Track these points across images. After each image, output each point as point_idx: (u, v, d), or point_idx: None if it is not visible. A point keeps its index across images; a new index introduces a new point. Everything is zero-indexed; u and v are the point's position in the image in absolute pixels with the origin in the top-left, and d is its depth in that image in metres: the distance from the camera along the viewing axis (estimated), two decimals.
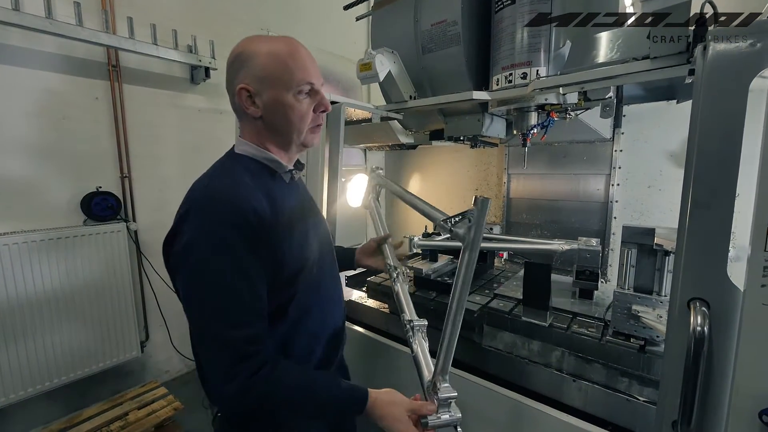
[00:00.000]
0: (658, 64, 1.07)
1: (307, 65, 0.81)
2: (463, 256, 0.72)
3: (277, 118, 0.81)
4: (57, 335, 1.95)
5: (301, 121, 0.82)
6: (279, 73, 0.78)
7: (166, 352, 2.54)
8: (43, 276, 1.89)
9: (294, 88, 0.79)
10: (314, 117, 0.85)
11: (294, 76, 0.79)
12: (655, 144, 1.92)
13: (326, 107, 0.85)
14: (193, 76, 2.48)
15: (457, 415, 0.79)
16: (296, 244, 0.83)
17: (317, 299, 0.90)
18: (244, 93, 0.80)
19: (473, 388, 1.24)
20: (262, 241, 0.74)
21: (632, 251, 1.06)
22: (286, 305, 0.82)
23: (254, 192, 0.77)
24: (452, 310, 0.77)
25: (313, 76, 0.82)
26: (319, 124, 0.88)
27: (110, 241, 2.11)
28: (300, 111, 0.81)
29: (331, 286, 0.98)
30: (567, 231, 2.20)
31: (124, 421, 1.65)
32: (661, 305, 1.02)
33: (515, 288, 1.53)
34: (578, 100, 1.48)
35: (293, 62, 0.79)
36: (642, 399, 1.03)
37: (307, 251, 0.86)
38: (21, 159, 1.91)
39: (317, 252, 0.90)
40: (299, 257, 0.83)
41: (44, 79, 1.94)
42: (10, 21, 1.67)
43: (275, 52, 0.79)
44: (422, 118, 2.07)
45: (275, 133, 0.84)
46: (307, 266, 0.85)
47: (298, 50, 0.81)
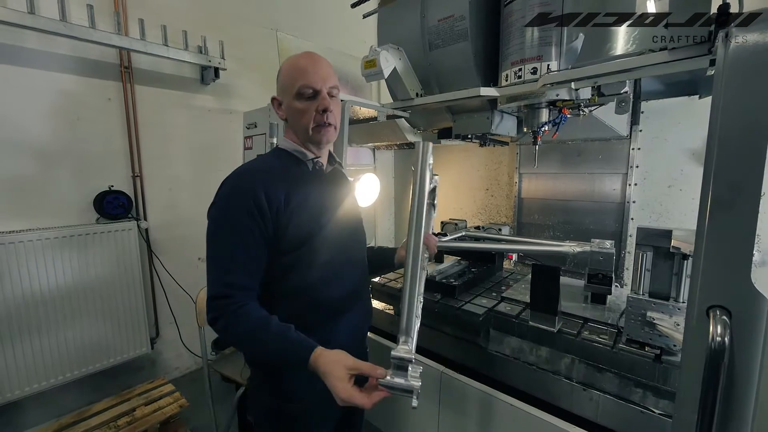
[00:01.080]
0: (676, 55, 1.00)
1: (308, 72, 0.93)
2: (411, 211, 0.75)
3: (291, 120, 0.99)
4: (70, 330, 2.00)
5: (303, 120, 0.95)
6: (287, 83, 0.95)
7: (175, 349, 2.57)
8: (57, 272, 1.93)
9: (295, 92, 0.93)
10: (316, 117, 0.94)
11: (295, 83, 0.93)
12: (676, 142, 1.83)
13: (325, 107, 0.94)
14: (203, 76, 2.51)
15: (413, 382, 0.73)
16: (303, 219, 0.92)
17: (321, 279, 0.95)
18: (276, 102, 1.02)
19: (478, 395, 1.20)
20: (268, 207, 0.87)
21: (647, 254, 1.00)
22: (289, 270, 0.92)
23: (273, 172, 0.94)
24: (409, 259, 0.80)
25: (312, 80, 0.93)
26: (324, 123, 0.95)
27: (121, 240, 2.15)
28: (300, 112, 0.94)
29: (345, 275, 1.02)
30: (581, 232, 2.12)
31: (131, 417, 1.67)
32: (678, 312, 0.96)
33: (524, 291, 1.48)
34: (591, 96, 1.42)
35: (296, 71, 0.94)
36: (657, 411, 0.96)
37: (315, 230, 0.94)
38: (37, 158, 1.96)
39: (330, 237, 0.96)
40: (303, 232, 0.92)
41: (59, 80, 1.99)
42: (26, 24, 1.71)
43: (288, 66, 0.97)
44: (430, 116, 2.03)
45: (294, 131, 1.00)
46: (312, 243, 0.93)
47: (306, 61, 0.95)
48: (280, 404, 0.95)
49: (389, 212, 3.07)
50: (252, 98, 2.74)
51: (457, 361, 1.35)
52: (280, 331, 0.84)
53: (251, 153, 2.09)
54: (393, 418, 1.54)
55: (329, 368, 0.80)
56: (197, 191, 2.55)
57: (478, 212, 2.66)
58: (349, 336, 1.02)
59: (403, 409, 1.48)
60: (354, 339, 1.06)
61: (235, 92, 2.71)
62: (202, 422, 2.04)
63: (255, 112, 2.06)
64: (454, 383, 1.28)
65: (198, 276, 2.61)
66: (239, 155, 2.76)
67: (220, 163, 2.65)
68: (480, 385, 1.21)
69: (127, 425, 1.62)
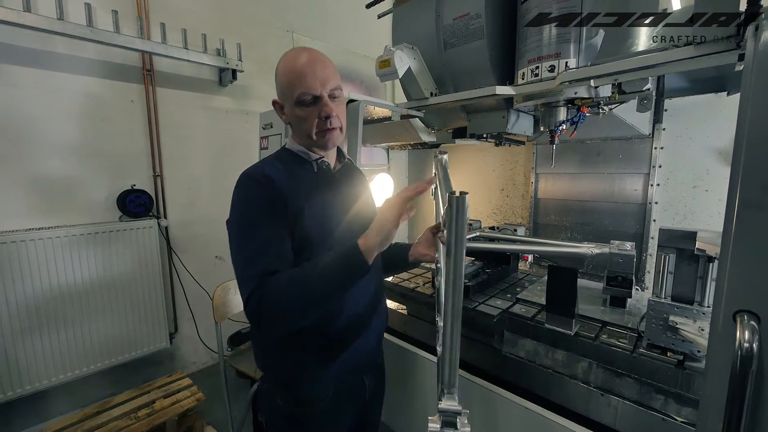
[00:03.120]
0: (702, 50, 0.96)
1: (306, 77, 0.88)
2: (448, 265, 0.64)
3: (294, 125, 0.96)
4: (94, 324, 2.08)
5: (305, 127, 0.92)
6: (285, 89, 0.92)
7: (192, 344, 2.64)
8: (82, 268, 2.01)
9: (295, 100, 0.90)
10: (319, 123, 0.92)
11: (294, 90, 0.89)
12: (702, 140, 1.76)
13: (327, 113, 0.91)
14: (221, 78, 2.56)
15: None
16: (312, 217, 0.89)
17: None
18: (277, 105, 0.99)
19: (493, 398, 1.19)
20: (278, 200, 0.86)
21: (670, 257, 0.97)
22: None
23: (274, 171, 0.91)
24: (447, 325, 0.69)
25: (311, 86, 0.89)
26: (328, 129, 0.93)
27: (143, 237, 2.22)
28: (302, 119, 0.92)
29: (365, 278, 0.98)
30: (600, 234, 2.06)
31: (150, 409, 1.72)
32: (703, 317, 0.92)
33: (539, 293, 1.45)
34: (612, 94, 1.38)
35: (293, 77, 0.89)
36: (680, 419, 0.93)
37: (323, 229, 0.91)
38: (65, 158, 2.05)
39: (340, 239, 0.93)
40: (311, 230, 0.89)
41: (85, 83, 2.07)
42: (55, 29, 1.79)
43: (282, 70, 0.92)
44: (444, 115, 2.02)
45: (298, 136, 0.98)
46: (321, 243, 0.90)
47: (302, 63, 0.89)
48: (292, 409, 0.94)
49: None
50: (268, 99, 2.75)
51: (470, 362, 1.33)
52: (318, 259, 0.82)
53: (267, 153, 2.12)
54: (409, 421, 1.53)
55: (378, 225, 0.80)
56: (215, 190, 2.62)
57: (493, 213, 2.63)
58: (366, 340, 1.00)
59: (420, 411, 1.48)
60: (371, 342, 1.04)
61: (252, 93, 2.76)
62: (218, 416, 2.09)
63: (270, 113, 2.09)
64: (470, 386, 1.26)
65: (215, 273, 2.67)
66: (255, 155, 2.82)
67: (237, 162, 2.71)
68: (496, 387, 1.19)
69: (147, 416, 1.67)
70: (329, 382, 0.95)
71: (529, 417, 1.11)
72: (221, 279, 2.71)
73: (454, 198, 0.62)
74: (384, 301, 1.12)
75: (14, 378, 1.84)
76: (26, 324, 1.86)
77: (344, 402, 0.99)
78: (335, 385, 0.96)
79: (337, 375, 0.96)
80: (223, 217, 0.95)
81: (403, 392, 1.51)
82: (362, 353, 1.01)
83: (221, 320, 1.57)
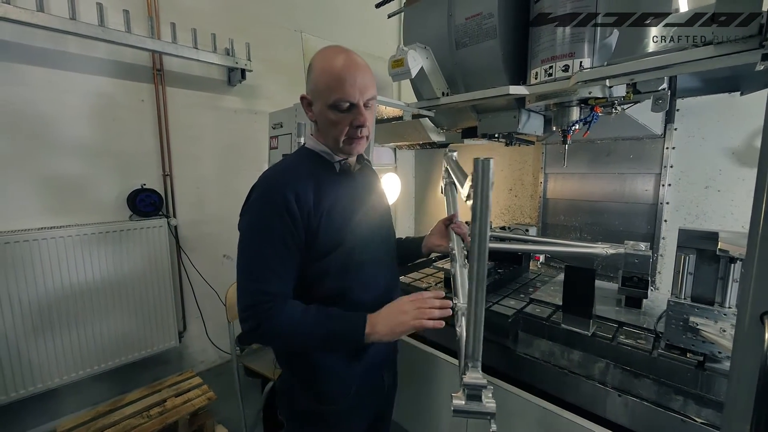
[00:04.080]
0: (723, 50, 0.96)
1: (347, 83, 0.86)
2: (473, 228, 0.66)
3: (321, 125, 0.94)
4: (105, 323, 2.09)
5: (336, 131, 0.91)
6: (322, 89, 0.88)
7: (201, 343, 2.64)
8: (93, 267, 2.02)
9: (330, 103, 0.88)
10: (350, 131, 0.90)
11: (332, 94, 0.87)
12: (714, 140, 1.75)
13: (360, 123, 0.90)
14: (230, 78, 2.57)
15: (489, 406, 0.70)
16: (334, 223, 0.90)
17: (355, 282, 0.94)
18: (305, 101, 0.95)
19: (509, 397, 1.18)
20: (299, 213, 0.85)
21: (690, 257, 0.96)
22: (323, 276, 0.91)
23: (300, 176, 0.90)
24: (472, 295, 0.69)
25: (350, 94, 0.87)
26: (358, 137, 0.92)
27: (152, 236, 2.22)
28: (333, 123, 0.90)
29: (378, 276, 1.00)
30: (609, 234, 2.06)
31: (162, 407, 1.73)
32: (724, 318, 0.92)
33: (552, 293, 1.45)
34: (626, 93, 1.37)
35: (333, 80, 0.86)
36: (700, 420, 0.92)
37: (347, 233, 0.92)
38: (77, 158, 2.06)
39: (362, 239, 0.95)
40: (334, 236, 0.90)
41: (96, 83, 2.08)
42: (68, 29, 1.80)
43: (324, 69, 0.88)
44: (454, 115, 2.01)
45: (324, 137, 0.96)
46: (345, 245, 0.91)
47: (343, 67, 0.87)
48: (313, 406, 0.94)
49: (409, 212, 3.07)
50: (276, 99, 2.79)
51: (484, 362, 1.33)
52: (326, 313, 0.84)
53: (276, 152, 2.12)
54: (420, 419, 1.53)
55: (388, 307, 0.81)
56: (223, 190, 2.62)
57: (501, 213, 2.63)
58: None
59: (433, 410, 1.47)
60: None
61: (260, 93, 2.77)
62: (228, 415, 2.09)
63: (280, 113, 2.09)
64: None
65: (223, 272, 2.68)
66: (264, 155, 2.82)
67: (245, 162, 2.72)
68: (512, 387, 1.19)
69: (159, 415, 1.68)
70: (351, 379, 0.95)
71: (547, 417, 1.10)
72: (229, 278, 2.72)
73: (479, 161, 0.63)
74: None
75: (26, 376, 1.85)
76: (38, 323, 1.87)
77: (365, 398, 1.00)
78: (357, 382, 0.97)
79: (359, 372, 0.97)
80: (231, 217, 0.95)
81: (415, 391, 1.51)
82: (382, 350, 1.02)
83: (234, 319, 1.57)
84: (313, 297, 0.91)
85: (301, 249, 0.88)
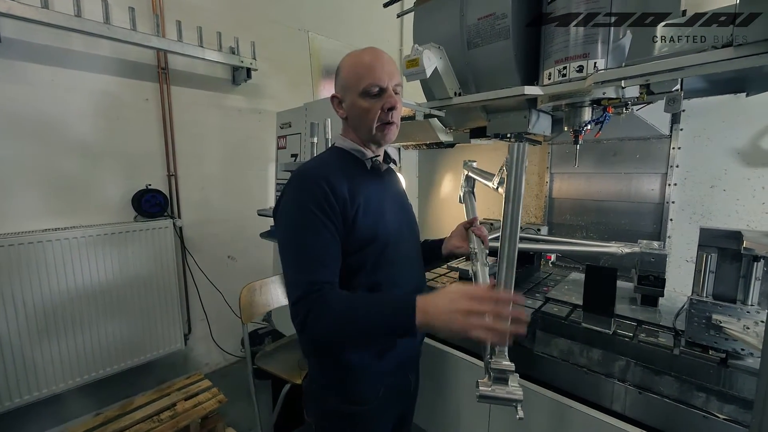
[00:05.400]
0: (743, 51, 0.97)
1: (375, 69, 0.90)
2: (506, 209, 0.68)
3: (353, 119, 0.96)
4: (110, 325, 2.05)
5: (368, 119, 0.93)
6: (352, 81, 0.92)
7: (206, 345, 2.62)
8: (99, 269, 1.99)
9: (361, 90, 0.91)
10: (381, 115, 0.93)
11: (361, 81, 0.91)
12: (720, 141, 1.78)
13: (392, 105, 0.92)
14: (234, 77, 2.54)
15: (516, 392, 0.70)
16: (368, 218, 0.91)
17: (387, 279, 0.94)
18: (336, 100, 0.99)
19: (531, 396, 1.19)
20: (336, 202, 0.87)
21: (712, 256, 0.98)
22: (356, 271, 0.91)
23: (334, 171, 0.91)
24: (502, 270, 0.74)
25: (379, 78, 0.90)
26: (389, 122, 0.94)
27: (158, 237, 2.19)
28: (365, 110, 0.92)
29: (408, 274, 1.01)
30: (615, 233, 2.08)
31: (172, 411, 1.71)
32: (747, 315, 0.94)
33: (567, 292, 1.46)
34: (640, 94, 1.39)
35: (362, 69, 0.91)
36: (722, 417, 0.94)
37: (380, 229, 0.93)
38: (81, 157, 2.02)
39: (394, 236, 0.96)
40: (369, 231, 0.91)
41: (101, 81, 2.05)
42: (73, 26, 1.76)
43: (352, 63, 0.93)
44: (463, 115, 2.02)
45: (356, 130, 0.98)
46: (379, 241, 0.92)
47: (370, 57, 0.92)
48: (343, 406, 0.94)
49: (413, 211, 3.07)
50: (281, 98, 2.77)
51: None
52: (376, 297, 0.84)
53: (285, 152, 2.11)
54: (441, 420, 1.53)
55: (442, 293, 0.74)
56: (228, 190, 2.59)
57: None
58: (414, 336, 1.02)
59: (453, 412, 1.47)
60: (418, 337, 1.07)
61: (266, 92, 2.75)
62: (237, 417, 2.08)
63: (288, 112, 2.08)
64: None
65: (228, 273, 2.65)
66: (269, 154, 2.80)
67: (250, 162, 2.70)
68: (534, 386, 1.20)
69: (170, 419, 1.66)
70: (381, 378, 0.95)
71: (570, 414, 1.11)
72: (233, 279, 2.71)
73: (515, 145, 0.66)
74: None
75: (31, 381, 1.81)
76: (43, 326, 1.84)
77: (393, 398, 1.00)
78: (387, 382, 0.97)
79: (389, 371, 0.97)
80: (236, 218, 0.95)
81: (435, 392, 1.51)
82: (410, 349, 1.04)
83: (248, 321, 1.56)
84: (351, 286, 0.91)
85: (341, 237, 0.88)
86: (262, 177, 2.74)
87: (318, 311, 0.79)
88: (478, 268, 1.06)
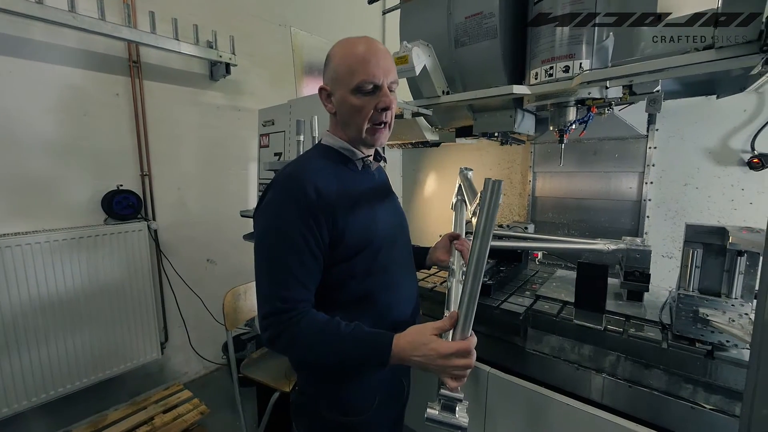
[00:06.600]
0: (724, 54, 1.01)
1: (370, 64, 0.82)
2: (474, 244, 0.67)
3: (343, 116, 0.88)
4: (79, 337, 1.91)
5: (360, 118, 0.86)
6: (343, 74, 0.84)
7: (184, 353, 2.50)
8: (65, 276, 1.85)
9: (353, 86, 0.83)
10: (374, 115, 0.86)
11: (354, 76, 0.83)
12: (692, 141, 1.87)
13: (386, 104, 0.85)
14: (212, 72, 2.44)
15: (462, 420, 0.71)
16: (359, 223, 0.86)
17: (379, 286, 0.90)
18: (324, 92, 0.90)
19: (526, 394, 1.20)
20: (322, 214, 0.80)
21: (698, 251, 1.01)
22: (346, 280, 0.86)
23: (322, 173, 0.85)
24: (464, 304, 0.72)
25: (374, 74, 0.83)
26: (382, 122, 0.88)
27: (131, 241, 2.07)
28: (357, 109, 0.85)
29: (401, 279, 0.96)
30: (596, 230, 2.14)
31: (150, 426, 1.61)
32: (732, 308, 0.97)
33: (556, 289, 1.48)
34: (623, 95, 1.43)
35: (355, 62, 0.83)
36: (708, 407, 0.97)
37: (372, 234, 0.88)
38: (42, 156, 1.87)
39: (385, 240, 0.91)
40: (361, 237, 0.86)
41: (65, 74, 1.90)
42: (34, 14, 1.63)
43: (345, 54, 0.84)
44: (450, 113, 2.02)
45: (345, 128, 0.90)
46: (370, 248, 0.87)
47: (365, 49, 0.83)
48: (337, 418, 0.90)
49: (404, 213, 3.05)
50: (262, 95, 2.68)
51: (494, 360, 1.34)
52: (353, 329, 0.77)
53: (267, 151, 2.04)
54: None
55: (416, 340, 0.74)
56: (206, 190, 2.48)
57: None
58: None
59: None
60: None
61: (246, 89, 2.65)
62: (219, 428, 1.98)
63: (272, 109, 2.01)
64: (501, 383, 1.27)
65: (207, 277, 2.54)
66: (250, 153, 2.71)
67: (229, 161, 2.59)
68: (528, 383, 1.20)
69: None
70: (377, 388, 0.92)
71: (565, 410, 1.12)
72: (213, 283, 2.60)
73: (490, 182, 0.64)
74: (419, 303, 1.11)
75: None
76: (2, 340, 1.68)
77: (389, 405, 0.97)
78: (382, 390, 0.93)
79: (385, 379, 0.94)
80: (214, 219, 0.90)
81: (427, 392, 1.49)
82: None
83: (232, 328, 1.48)
84: (336, 300, 0.87)
85: (325, 251, 0.82)
86: (242, 177, 2.64)
87: (290, 335, 0.76)
88: (452, 284, 1.02)
